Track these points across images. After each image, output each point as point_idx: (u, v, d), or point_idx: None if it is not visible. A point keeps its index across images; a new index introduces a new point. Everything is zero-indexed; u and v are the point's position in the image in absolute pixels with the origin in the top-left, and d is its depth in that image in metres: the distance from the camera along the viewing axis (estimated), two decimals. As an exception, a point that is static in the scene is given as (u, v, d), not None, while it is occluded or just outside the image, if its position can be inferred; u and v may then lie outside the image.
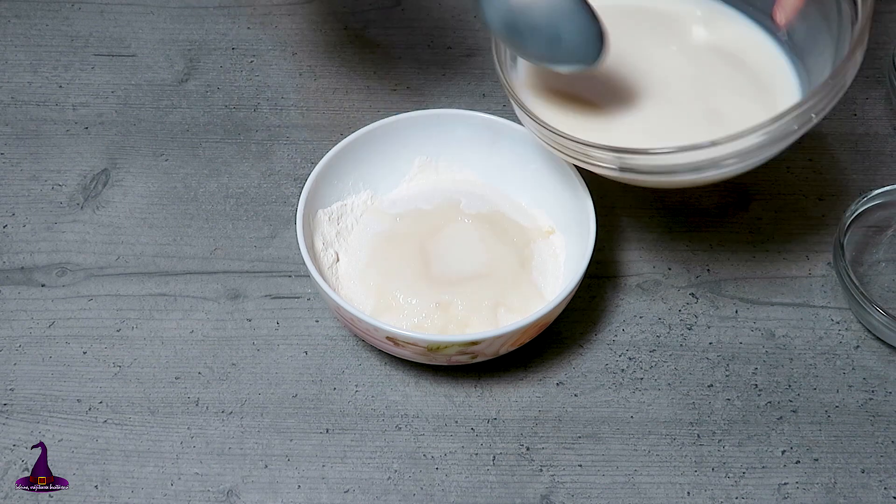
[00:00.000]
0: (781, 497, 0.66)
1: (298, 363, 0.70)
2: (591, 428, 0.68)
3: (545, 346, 0.71)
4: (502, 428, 0.68)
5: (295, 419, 0.68)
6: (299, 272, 0.74)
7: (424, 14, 0.90)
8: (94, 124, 0.82)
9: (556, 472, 0.66)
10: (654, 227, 0.78)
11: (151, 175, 0.79)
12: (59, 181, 0.79)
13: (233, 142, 0.81)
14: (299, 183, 0.77)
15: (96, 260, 0.75)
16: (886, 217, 0.77)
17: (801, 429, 0.68)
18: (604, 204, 0.78)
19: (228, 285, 0.74)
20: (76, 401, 0.68)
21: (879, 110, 0.83)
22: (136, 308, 0.72)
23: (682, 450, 0.67)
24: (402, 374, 0.70)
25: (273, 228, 0.77)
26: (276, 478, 0.66)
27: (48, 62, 0.85)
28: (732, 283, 0.75)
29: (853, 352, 0.72)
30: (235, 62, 0.86)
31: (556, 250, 0.73)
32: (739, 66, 0.72)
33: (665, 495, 0.66)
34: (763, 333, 0.72)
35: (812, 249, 0.77)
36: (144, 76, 0.85)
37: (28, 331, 0.71)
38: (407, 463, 0.66)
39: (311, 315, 0.72)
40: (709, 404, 0.69)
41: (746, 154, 0.63)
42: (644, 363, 0.71)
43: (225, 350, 0.71)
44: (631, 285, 0.75)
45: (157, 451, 0.67)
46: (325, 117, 0.83)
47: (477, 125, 0.74)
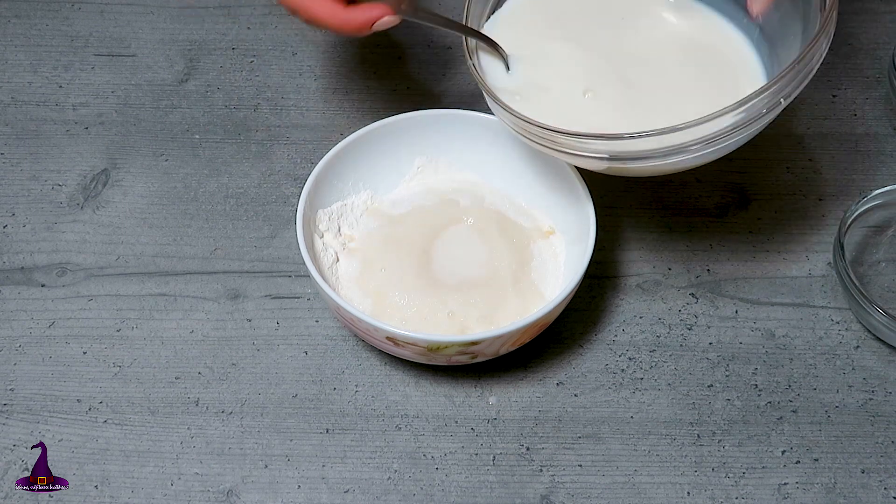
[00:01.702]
0: (781, 497, 0.66)
1: (298, 363, 0.70)
2: (591, 428, 0.68)
3: (545, 346, 0.71)
4: (502, 428, 0.68)
5: (295, 419, 0.68)
6: (299, 272, 0.74)
7: (424, 14, 0.90)
8: (94, 124, 0.82)
9: (556, 472, 0.66)
10: (654, 227, 0.78)
11: (151, 175, 0.79)
12: (59, 181, 0.79)
13: (233, 142, 0.81)
14: (299, 183, 0.77)
15: (96, 260, 0.75)
16: (886, 217, 0.77)
17: (801, 429, 0.68)
18: (604, 204, 0.78)
19: (228, 285, 0.74)
20: (76, 401, 0.68)
21: (879, 110, 0.83)
22: (136, 308, 0.72)
23: (682, 450, 0.67)
24: (402, 374, 0.70)
25: (273, 228, 0.77)
26: (276, 478, 0.66)
27: (48, 62, 0.85)
28: (732, 283, 0.75)
29: (853, 352, 0.72)
30: (235, 62, 0.86)
31: (556, 250, 0.73)
32: (709, 53, 0.72)
33: (665, 495, 0.66)
34: (763, 333, 0.72)
35: (812, 249, 0.77)
36: (144, 76, 0.85)
37: (28, 331, 0.71)
38: (407, 463, 0.66)
39: (311, 315, 0.72)
40: (709, 404, 0.69)
41: (715, 139, 0.62)
42: (644, 363, 0.71)
43: (225, 350, 0.71)
44: (631, 285, 0.75)
45: (157, 451, 0.67)
46: (325, 117, 0.83)
47: (477, 125, 0.74)
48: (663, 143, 0.62)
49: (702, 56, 0.72)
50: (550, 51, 0.72)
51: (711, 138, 0.62)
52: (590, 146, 0.63)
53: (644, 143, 0.62)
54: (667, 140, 0.62)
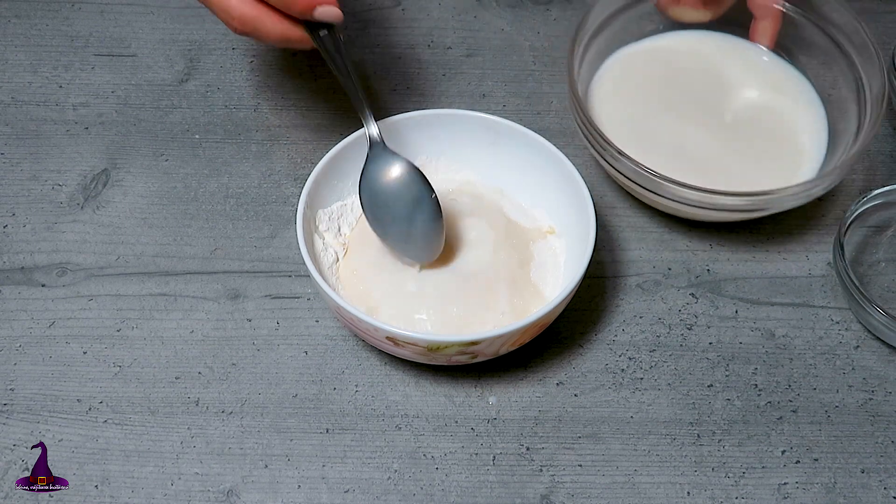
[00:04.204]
0: (781, 497, 0.66)
1: (298, 363, 0.70)
2: (591, 428, 0.68)
3: (545, 346, 0.71)
4: (502, 428, 0.68)
5: (295, 419, 0.68)
6: (299, 272, 0.74)
7: (424, 14, 0.90)
8: (94, 124, 0.82)
9: (556, 472, 0.66)
10: (654, 227, 0.78)
11: (151, 175, 0.79)
12: (59, 181, 0.79)
13: (233, 142, 0.81)
14: (299, 183, 0.77)
15: (96, 260, 0.75)
16: (886, 217, 0.77)
17: (801, 429, 0.68)
18: (604, 204, 0.78)
19: (228, 285, 0.74)
20: (76, 401, 0.68)
21: (879, 110, 0.83)
22: (137, 308, 0.72)
23: (682, 450, 0.67)
24: (402, 374, 0.70)
25: (273, 228, 0.77)
26: (276, 478, 0.66)
27: (48, 62, 0.85)
28: (732, 283, 0.75)
29: (853, 352, 0.72)
30: (235, 62, 0.86)
31: (556, 250, 0.73)
32: (781, 121, 0.79)
33: (665, 495, 0.66)
34: (763, 333, 0.72)
35: (812, 249, 0.77)
36: (144, 76, 0.85)
37: (28, 331, 0.71)
38: (407, 463, 0.66)
39: (311, 315, 0.72)
40: (709, 404, 0.69)
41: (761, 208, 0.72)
42: (644, 363, 0.71)
43: (225, 350, 0.71)
44: (631, 285, 0.75)
45: (157, 451, 0.67)
46: (325, 117, 0.83)
47: (477, 125, 0.74)
48: (715, 200, 0.71)
49: (774, 122, 0.80)
50: (637, 111, 0.79)
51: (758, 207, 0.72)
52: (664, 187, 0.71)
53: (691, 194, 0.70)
54: (721, 200, 0.70)
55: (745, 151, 0.77)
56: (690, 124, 0.78)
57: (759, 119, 0.79)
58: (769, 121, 0.79)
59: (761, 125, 0.79)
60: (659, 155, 0.74)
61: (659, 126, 0.78)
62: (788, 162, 0.77)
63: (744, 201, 0.71)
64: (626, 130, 0.76)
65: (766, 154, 0.77)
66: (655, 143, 0.76)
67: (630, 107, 0.79)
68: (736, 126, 0.79)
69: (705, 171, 0.75)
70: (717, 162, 0.76)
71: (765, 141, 0.78)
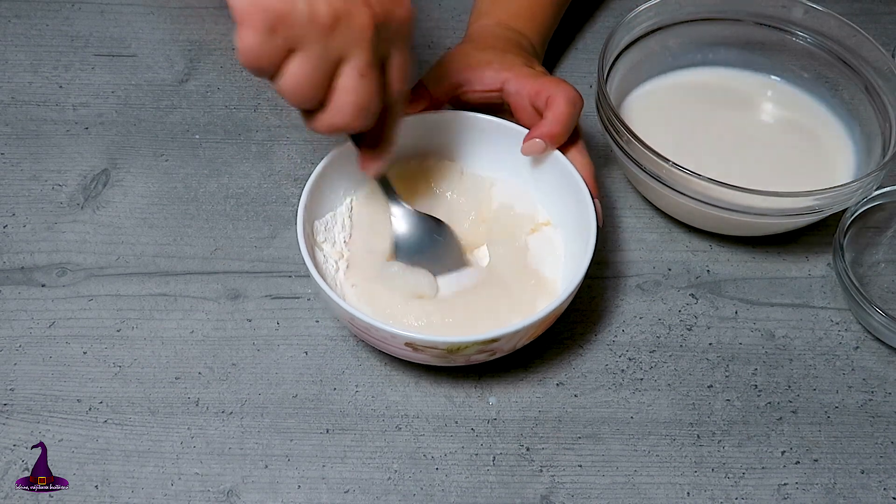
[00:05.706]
0: (781, 497, 0.66)
1: (298, 363, 0.70)
2: (591, 428, 0.68)
3: (545, 347, 0.71)
4: (502, 428, 0.68)
5: (295, 419, 0.68)
6: (299, 272, 0.74)
7: (425, 15, 0.90)
8: (94, 124, 0.82)
9: (556, 473, 0.66)
10: (654, 227, 0.78)
11: (151, 175, 0.79)
12: (59, 181, 0.79)
13: (233, 142, 0.81)
14: (299, 183, 0.77)
15: (96, 260, 0.75)
16: (886, 217, 0.77)
17: (800, 429, 0.68)
18: (604, 204, 0.78)
19: (228, 285, 0.74)
20: (76, 401, 0.68)
21: (879, 111, 0.83)
22: (136, 308, 0.72)
23: (682, 450, 0.67)
24: (402, 375, 0.70)
25: (273, 228, 0.77)
26: (276, 478, 0.66)
27: (48, 62, 0.85)
28: (732, 283, 0.75)
29: (853, 352, 0.72)
30: (235, 62, 0.86)
31: (557, 248, 0.73)
32: (804, 137, 0.79)
33: (665, 495, 0.66)
34: (763, 334, 0.72)
35: (812, 250, 0.77)
36: (144, 76, 0.85)
37: (28, 331, 0.71)
38: (407, 463, 0.66)
39: (311, 315, 0.72)
40: (709, 405, 0.69)
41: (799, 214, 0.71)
42: (644, 364, 0.71)
43: (225, 350, 0.71)
44: (631, 285, 0.75)
45: (157, 451, 0.67)
46: (325, 117, 0.82)
47: (477, 125, 0.74)
48: (755, 201, 0.70)
49: (801, 139, 0.80)
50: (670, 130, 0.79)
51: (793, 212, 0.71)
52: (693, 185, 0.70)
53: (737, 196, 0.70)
54: (758, 200, 0.70)
55: (776, 166, 0.77)
56: (721, 144, 0.78)
57: (788, 141, 0.79)
58: (797, 140, 0.79)
59: (790, 145, 0.79)
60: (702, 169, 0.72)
61: (696, 147, 0.78)
62: (824, 175, 0.77)
63: (810, 201, 0.69)
64: (665, 143, 0.74)
65: (801, 168, 0.77)
66: (694, 156, 0.75)
67: (665, 122, 0.80)
68: (765, 146, 0.79)
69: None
70: (752, 177, 0.73)
71: (796, 157, 0.78)
